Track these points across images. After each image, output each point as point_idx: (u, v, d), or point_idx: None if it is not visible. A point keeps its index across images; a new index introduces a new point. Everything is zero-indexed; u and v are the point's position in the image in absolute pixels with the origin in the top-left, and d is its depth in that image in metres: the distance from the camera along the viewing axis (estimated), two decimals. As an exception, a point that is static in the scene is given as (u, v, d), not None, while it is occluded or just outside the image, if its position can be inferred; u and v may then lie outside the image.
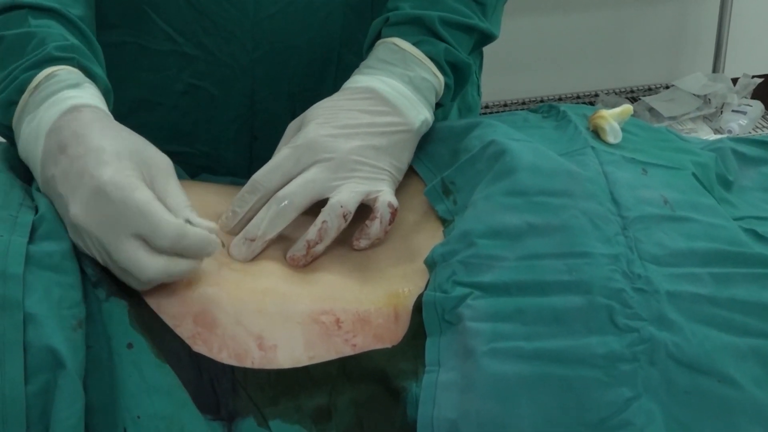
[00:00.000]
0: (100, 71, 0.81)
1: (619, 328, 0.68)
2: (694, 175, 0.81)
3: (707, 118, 2.68)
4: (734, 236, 0.75)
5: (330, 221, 0.78)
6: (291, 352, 0.71)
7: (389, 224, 0.80)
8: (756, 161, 0.91)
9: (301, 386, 0.70)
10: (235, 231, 0.80)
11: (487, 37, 0.93)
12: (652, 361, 0.67)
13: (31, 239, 0.69)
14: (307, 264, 0.78)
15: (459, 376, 0.68)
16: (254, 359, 0.70)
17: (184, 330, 0.70)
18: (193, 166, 1.00)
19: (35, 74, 0.77)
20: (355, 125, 0.82)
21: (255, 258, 0.78)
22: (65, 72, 0.77)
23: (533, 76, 2.79)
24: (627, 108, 0.85)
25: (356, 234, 0.80)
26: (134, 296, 0.71)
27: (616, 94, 2.86)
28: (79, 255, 0.71)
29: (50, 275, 0.67)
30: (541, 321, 0.68)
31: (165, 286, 0.71)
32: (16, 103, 0.77)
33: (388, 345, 0.72)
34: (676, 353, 0.67)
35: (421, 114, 0.85)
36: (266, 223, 0.78)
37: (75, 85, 0.76)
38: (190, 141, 1.02)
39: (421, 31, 0.88)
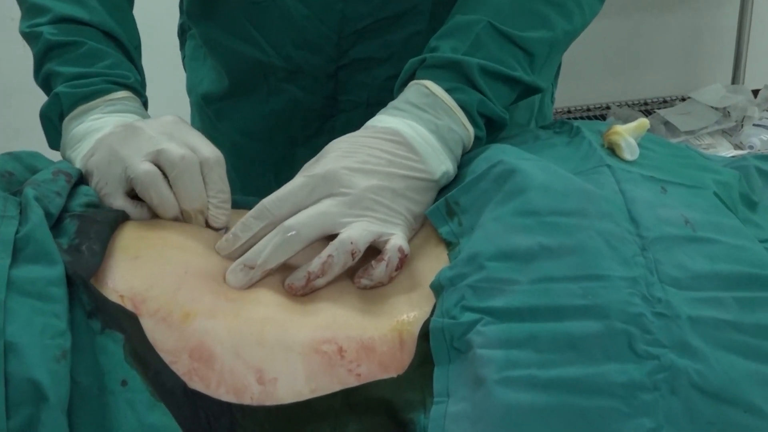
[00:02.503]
0: (144, 95, 0.99)
1: (639, 355, 0.69)
2: (716, 194, 0.83)
3: (726, 133, 2.70)
4: (759, 258, 0.77)
5: (336, 256, 0.80)
6: (292, 384, 0.72)
7: (396, 270, 0.81)
8: (782, 181, 0.92)
9: (303, 421, 0.71)
10: (233, 256, 0.82)
11: (532, 90, 0.95)
12: (674, 390, 0.68)
13: (15, 260, 0.71)
14: (305, 295, 0.80)
15: (470, 406, 0.69)
16: (253, 394, 0.72)
17: (180, 366, 0.72)
18: (267, 164, 1.16)
19: (115, 89, 0.95)
20: (375, 163, 0.84)
21: (252, 286, 0.80)
22: (136, 103, 0.96)
23: (539, 88, 2.81)
24: (643, 122, 0.87)
25: (359, 272, 0.82)
26: (131, 329, 0.72)
27: (628, 106, 2.89)
28: (73, 281, 0.72)
29: (33, 303, 0.69)
30: (556, 348, 0.70)
31: (161, 321, 0.73)
32: (90, 101, 0.93)
33: (394, 374, 0.73)
34: (699, 382, 0.68)
35: (443, 165, 0.87)
36: (268, 252, 0.80)
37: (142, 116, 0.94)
38: (262, 140, 1.16)
39: (456, 77, 0.90)
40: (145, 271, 0.77)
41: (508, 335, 0.71)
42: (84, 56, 0.96)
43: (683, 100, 2.88)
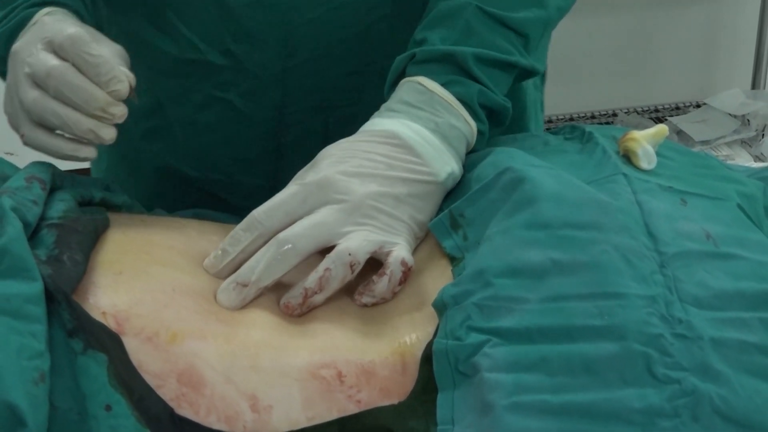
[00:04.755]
0: (91, 22, 0.96)
1: (658, 379, 0.71)
2: (739, 206, 0.85)
3: (746, 143, 2.71)
4: (787, 277, 0.78)
5: (334, 269, 0.81)
6: (287, 412, 0.74)
7: (399, 284, 0.83)
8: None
9: None
10: (223, 274, 0.83)
11: (528, 74, 0.97)
12: (696, 416, 0.70)
13: None
14: (302, 314, 0.82)
15: (477, 435, 0.71)
16: (246, 422, 0.73)
17: (168, 391, 0.73)
18: (201, 192, 1.09)
19: (36, 11, 0.93)
20: (372, 168, 0.86)
21: (245, 306, 0.81)
22: (62, 12, 0.94)
23: (540, 92, 2.82)
24: (662, 129, 0.89)
25: (360, 288, 0.84)
26: (115, 349, 0.74)
27: (638, 113, 2.89)
28: (53, 298, 0.73)
29: (8, 321, 0.70)
30: (569, 371, 0.71)
31: (146, 341, 0.75)
32: (16, 36, 0.92)
33: (395, 400, 0.75)
34: (722, 408, 0.70)
35: (447, 165, 0.89)
36: (262, 268, 0.81)
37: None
38: (204, 164, 1.09)
39: (452, 69, 0.92)
40: (130, 288, 0.78)
41: (517, 358, 0.72)
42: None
43: (698, 106, 2.90)
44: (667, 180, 0.86)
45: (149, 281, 0.79)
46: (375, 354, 0.77)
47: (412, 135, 0.89)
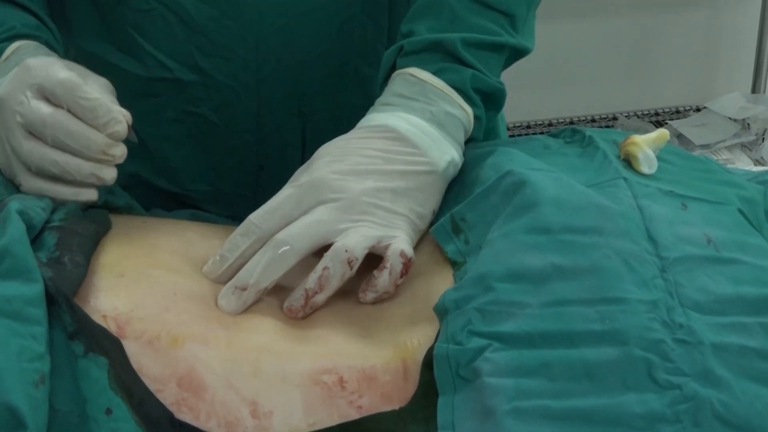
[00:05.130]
0: (60, 51, 0.95)
1: (659, 385, 0.71)
2: (740, 211, 0.85)
3: (746, 147, 2.71)
4: (788, 281, 0.78)
5: (333, 268, 0.82)
6: (288, 418, 0.74)
7: (400, 277, 0.83)
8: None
9: None
10: (222, 279, 0.84)
11: (519, 53, 0.97)
12: (697, 422, 0.70)
13: None
14: (305, 316, 0.82)
15: (477, 440, 0.71)
16: (247, 428, 0.74)
17: (168, 395, 0.74)
18: (185, 205, 1.08)
19: (6, 47, 0.93)
20: (368, 164, 0.86)
21: (247, 311, 0.81)
22: (33, 45, 0.94)
23: (539, 95, 2.82)
24: (663, 133, 0.89)
25: (363, 285, 0.84)
26: (115, 353, 0.74)
27: (638, 117, 2.90)
28: (54, 300, 0.74)
29: (9, 323, 0.70)
30: (571, 376, 0.72)
31: (147, 345, 0.75)
32: None
33: (397, 405, 0.75)
34: (723, 413, 0.71)
35: (446, 154, 0.89)
36: (260, 270, 0.82)
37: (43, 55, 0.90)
38: (183, 178, 1.08)
39: (441, 57, 0.92)
40: (131, 291, 0.78)
41: (518, 363, 0.72)
42: None
43: (698, 110, 2.90)
44: (668, 184, 0.86)
45: (150, 285, 0.80)
46: (376, 359, 0.78)
47: (408, 126, 0.89)
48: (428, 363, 0.76)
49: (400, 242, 0.84)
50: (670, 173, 0.88)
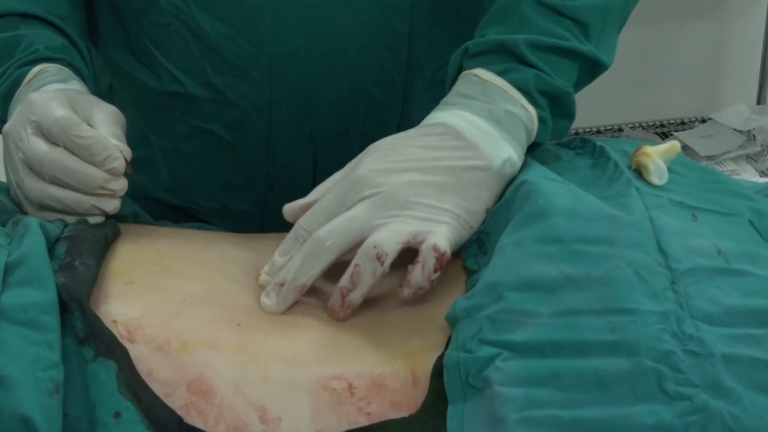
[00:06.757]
0: (86, 71, 0.96)
1: (669, 396, 0.71)
2: (750, 222, 0.85)
3: (752, 158, 2.71)
4: (798, 293, 0.79)
5: (363, 265, 0.82)
6: (296, 424, 0.75)
7: (434, 272, 0.83)
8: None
9: None
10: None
11: (594, 64, 0.96)
12: None
13: (4, 284, 0.73)
14: (347, 317, 0.83)
15: (487, 449, 0.71)
16: None
17: (177, 399, 0.74)
18: (192, 219, 1.09)
19: (28, 70, 0.95)
20: (414, 159, 0.86)
21: (264, 317, 0.82)
22: (55, 68, 0.96)
23: (545, 106, 2.82)
24: (674, 145, 0.89)
25: (401, 281, 0.84)
26: (125, 357, 0.75)
27: (643, 128, 2.89)
28: (67, 307, 0.74)
29: (24, 332, 0.71)
30: (581, 386, 0.72)
31: (157, 349, 0.75)
32: (11, 97, 0.92)
33: (406, 413, 0.76)
34: (733, 425, 0.71)
35: (503, 152, 0.88)
36: (297, 266, 0.83)
37: (63, 80, 0.92)
38: (192, 193, 1.09)
39: (505, 58, 0.92)
40: (141, 298, 0.79)
41: (529, 372, 0.73)
42: None
43: (703, 121, 2.90)
44: (678, 195, 0.86)
45: (160, 291, 0.80)
46: (386, 366, 0.78)
47: (464, 123, 0.89)
48: (438, 371, 0.76)
49: (435, 236, 0.83)
50: (680, 184, 0.88)
